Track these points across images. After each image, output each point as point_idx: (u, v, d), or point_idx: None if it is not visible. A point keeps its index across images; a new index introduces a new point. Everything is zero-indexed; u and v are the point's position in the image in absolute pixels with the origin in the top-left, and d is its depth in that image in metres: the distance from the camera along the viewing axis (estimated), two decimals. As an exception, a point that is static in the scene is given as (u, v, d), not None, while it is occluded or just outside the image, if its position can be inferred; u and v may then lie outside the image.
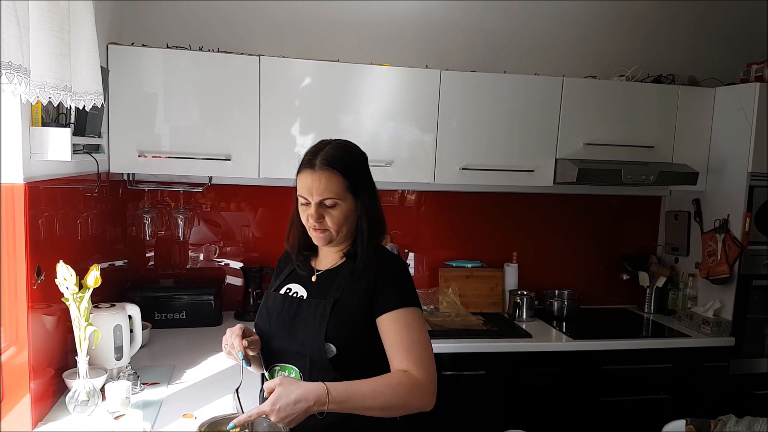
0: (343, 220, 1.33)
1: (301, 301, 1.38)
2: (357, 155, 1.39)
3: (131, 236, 2.63)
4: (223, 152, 2.31)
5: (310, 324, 1.32)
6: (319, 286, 1.40)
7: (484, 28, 2.81)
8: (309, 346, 1.31)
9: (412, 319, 1.31)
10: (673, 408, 2.50)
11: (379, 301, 1.31)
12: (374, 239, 1.38)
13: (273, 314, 1.41)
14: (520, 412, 2.46)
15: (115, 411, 1.57)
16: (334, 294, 1.34)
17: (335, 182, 1.30)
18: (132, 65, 2.22)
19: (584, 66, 2.87)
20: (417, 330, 1.30)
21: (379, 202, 1.42)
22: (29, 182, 1.47)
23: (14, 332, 1.46)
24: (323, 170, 1.30)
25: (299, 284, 1.43)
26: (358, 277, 1.35)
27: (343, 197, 1.32)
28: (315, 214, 1.32)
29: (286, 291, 1.44)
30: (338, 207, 1.32)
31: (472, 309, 2.81)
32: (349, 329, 1.31)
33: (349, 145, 1.40)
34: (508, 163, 2.57)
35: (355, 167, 1.35)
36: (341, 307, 1.32)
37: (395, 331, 1.29)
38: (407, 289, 1.35)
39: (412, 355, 1.27)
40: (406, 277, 1.37)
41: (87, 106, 1.53)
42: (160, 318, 2.41)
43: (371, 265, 1.35)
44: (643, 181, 2.58)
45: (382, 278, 1.33)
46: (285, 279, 1.47)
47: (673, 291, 2.92)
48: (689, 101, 2.70)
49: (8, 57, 1.04)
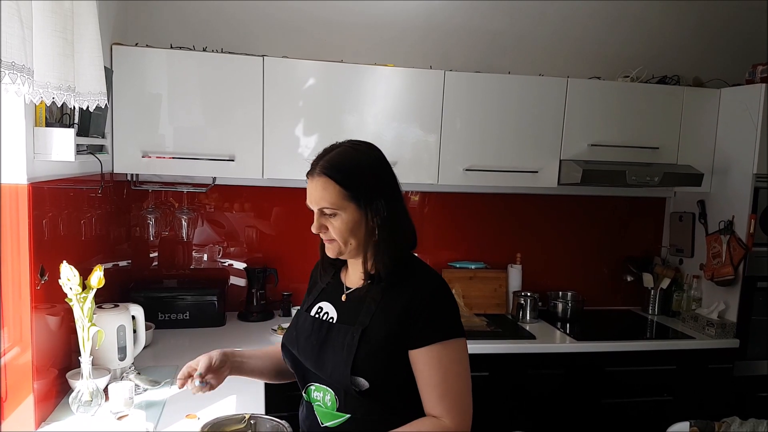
0: (346, 231, 1.21)
1: (330, 326, 1.26)
2: (365, 160, 1.23)
3: (135, 237, 2.63)
4: (226, 153, 2.31)
5: (338, 354, 1.21)
6: (349, 308, 1.28)
7: (488, 29, 2.80)
8: (336, 378, 1.21)
9: (450, 355, 1.19)
10: (677, 410, 2.49)
11: (413, 333, 1.18)
12: (396, 253, 1.24)
13: (301, 337, 1.30)
14: (523, 413, 2.46)
15: (118, 411, 1.58)
16: (363, 320, 1.22)
17: (330, 191, 1.19)
18: (136, 66, 2.22)
19: (589, 67, 2.86)
20: (453, 371, 1.19)
21: (403, 211, 1.28)
22: (33, 183, 1.47)
23: (18, 332, 1.46)
24: (319, 177, 1.20)
25: (330, 303, 1.32)
26: (390, 299, 1.22)
27: (343, 206, 1.20)
28: (316, 224, 1.23)
29: (317, 311, 1.32)
30: (338, 217, 1.21)
31: (476, 310, 2.80)
32: (382, 361, 1.19)
33: (358, 150, 1.25)
34: (512, 164, 2.56)
35: (359, 174, 1.20)
36: (371, 336, 1.20)
37: (429, 371, 1.18)
38: (445, 316, 1.22)
39: (446, 402, 1.17)
40: (444, 301, 1.23)
41: (91, 106, 1.53)
42: (164, 318, 2.41)
43: (405, 284, 1.23)
44: (647, 182, 2.56)
45: (416, 304, 1.19)
46: (318, 296, 1.36)
47: (677, 292, 2.91)
48: (694, 102, 2.69)
49: (11, 57, 1.04)
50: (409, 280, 1.24)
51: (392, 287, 1.23)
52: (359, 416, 1.22)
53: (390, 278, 1.23)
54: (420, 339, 1.18)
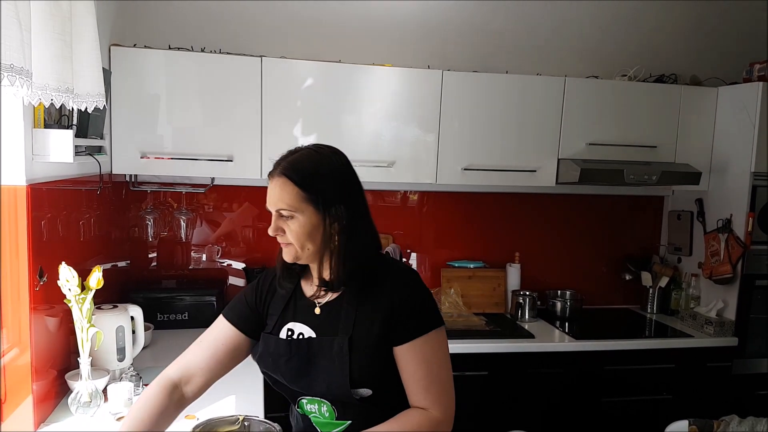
0: (303, 234, 1.17)
1: (310, 343, 1.22)
2: (327, 164, 1.19)
3: (134, 237, 2.63)
4: (225, 153, 2.31)
5: (330, 368, 1.18)
6: (326, 320, 1.23)
7: (486, 28, 2.81)
8: (336, 391, 1.19)
9: (432, 346, 1.20)
10: (676, 408, 2.49)
11: (397, 331, 1.19)
12: (354, 262, 1.20)
13: (281, 361, 1.24)
14: (523, 412, 2.46)
15: (117, 412, 1.58)
16: (345, 328, 1.20)
17: (288, 192, 1.16)
18: (134, 66, 2.22)
19: (586, 66, 2.86)
20: (436, 361, 1.20)
21: (365, 219, 1.24)
22: (31, 184, 1.47)
23: (17, 334, 1.46)
24: (279, 177, 1.18)
25: (300, 323, 1.26)
26: (370, 303, 1.20)
27: (300, 209, 1.16)
28: (273, 226, 1.20)
29: (288, 333, 1.26)
30: (295, 219, 1.17)
31: (475, 309, 2.81)
32: (379, 367, 1.19)
33: (320, 152, 1.22)
34: (511, 163, 2.56)
35: (318, 177, 1.17)
36: (359, 344, 1.18)
37: (414, 365, 1.19)
38: (425, 308, 1.22)
39: (432, 395, 1.19)
40: (422, 294, 1.24)
41: (89, 107, 1.54)
42: (163, 319, 2.41)
43: (382, 285, 1.21)
44: (645, 181, 2.57)
45: (397, 302, 1.19)
46: (280, 317, 1.28)
47: (675, 291, 2.91)
48: (692, 101, 2.69)
49: (10, 59, 1.04)
50: (385, 279, 1.22)
51: (369, 290, 1.21)
52: (361, 420, 1.21)
53: (364, 281, 1.21)
54: (404, 335, 1.19)
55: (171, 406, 1.23)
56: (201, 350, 1.29)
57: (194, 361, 1.28)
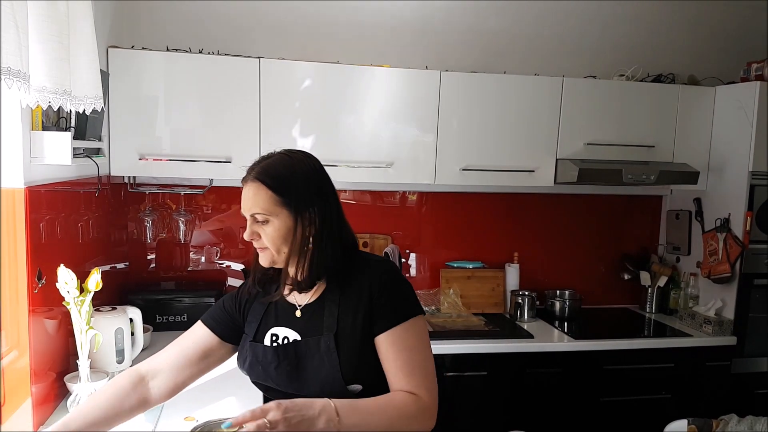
0: (278, 238, 1.19)
1: (297, 345, 1.24)
2: (299, 168, 1.21)
3: (132, 239, 2.63)
4: (223, 154, 2.31)
5: (321, 367, 1.20)
6: (308, 321, 1.26)
7: (483, 28, 2.81)
8: (329, 389, 1.19)
9: (411, 335, 1.21)
10: (675, 408, 2.50)
11: (377, 321, 1.20)
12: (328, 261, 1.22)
13: (270, 368, 1.25)
14: (522, 412, 2.46)
15: (116, 414, 1.57)
16: (329, 325, 1.22)
17: (262, 196, 1.18)
18: (132, 68, 2.22)
19: (584, 66, 2.87)
20: (417, 348, 1.21)
21: (339, 221, 1.26)
22: (30, 186, 1.47)
23: (15, 336, 1.46)
24: (252, 182, 1.20)
25: (284, 326, 1.28)
26: (350, 297, 1.22)
27: (274, 213, 1.18)
28: (248, 231, 1.21)
29: (272, 339, 1.28)
30: (271, 223, 1.19)
31: (474, 309, 2.81)
32: (369, 361, 1.21)
33: (293, 157, 1.24)
34: (509, 163, 2.56)
35: (292, 181, 1.19)
36: (346, 340, 1.20)
37: (396, 353, 1.19)
38: (403, 296, 1.24)
39: (415, 379, 1.18)
40: (399, 282, 1.25)
41: (87, 109, 1.54)
42: (162, 321, 2.41)
43: (360, 279, 1.23)
44: (643, 180, 2.57)
45: (375, 292, 1.21)
46: (262, 323, 1.30)
47: (674, 290, 2.92)
48: (689, 100, 2.70)
49: (7, 62, 1.04)
50: (362, 273, 1.24)
51: (349, 286, 1.24)
52: None
53: (343, 277, 1.24)
54: (384, 324, 1.20)
55: (132, 396, 1.26)
56: (173, 349, 1.33)
57: (164, 358, 1.32)
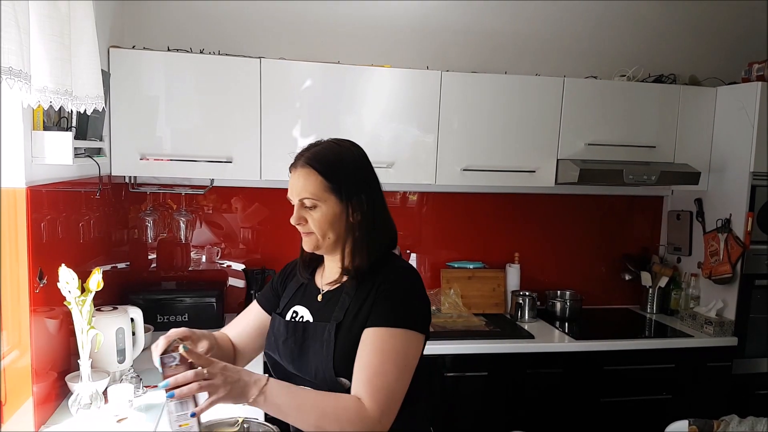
0: (325, 223, 1.21)
1: (306, 327, 1.27)
2: (348, 156, 1.25)
3: (133, 239, 2.63)
4: (224, 155, 2.31)
5: (318, 354, 1.21)
6: (323, 307, 1.28)
7: (484, 29, 2.81)
8: (321, 376, 1.20)
9: (394, 344, 1.14)
10: (676, 408, 2.49)
11: (371, 317, 1.18)
12: (374, 251, 1.24)
13: (279, 341, 1.29)
14: (523, 413, 2.46)
15: (117, 414, 1.58)
16: (337, 315, 1.22)
17: (312, 181, 1.20)
18: (133, 68, 2.22)
19: (585, 66, 2.87)
20: (391, 360, 1.13)
21: (384, 210, 1.28)
22: (31, 186, 1.47)
23: (17, 336, 1.46)
24: (302, 168, 1.22)
25: (304, 306, 1.32)
26: (362, 292, 1.22)
27: (323, 198, 1.20)
28: (295, 215, 1.23)
29: (292, 315, 1.32)
30: (318, 209, 1.21)
31: (474, 310, 2.81)
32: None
33: (341, 145, 1.27)
34: (510, 163, 2.56)
35: (341, 167, 1.22)
36: (346, 332, 1.20)
37: (368, 351, 1.14)
38: (406, 306, 1.19)
39: (372, 386, 1.11)
40: (410, 293, 1.22)
41: (88, 109, 1.54)
42: (163, 320, 2.41)
43: (376, 276, 1.22)
44: (644, 181, 2.57)
45: (381, 291, 1.19)
46: (291, 299, 1.36)
47: (675, 291, 2.92)
48: (691, 101, 2.70)
49: (8, 62, 1.04)
50: (380, 271, 1.23)
51: (367, 281, 1.23)
52: None
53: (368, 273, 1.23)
54: (375, 320, 1.17)
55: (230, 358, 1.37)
56: (235, 324, 1.44)
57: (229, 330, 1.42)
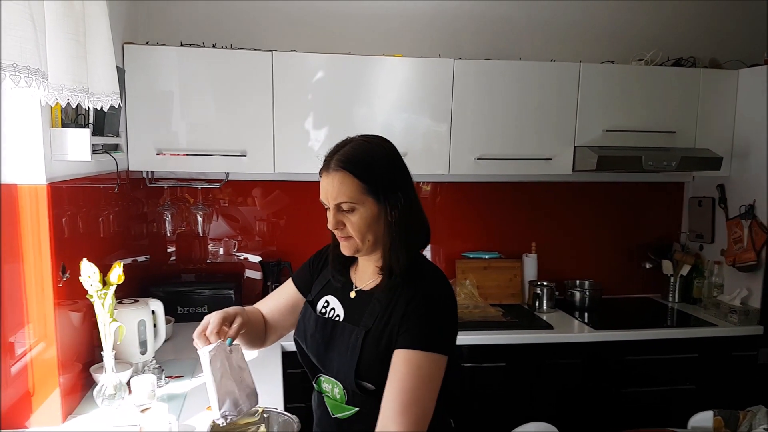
0: (364, 226, 1.19)
1: (335, 325, 1.26)
2: (381, 153, 1.21)
3: (152, 232, 2.67)
4: (238, 148, 2.33)
5: (342, 356, 1.21)
6: (356, 307, 1.26)
7: (497, 14, 2.77)
8: (342, 379, 1.22)
9: (429, 368, 1.13)
10: (700, 399, 2.45)
11: (402, 335, 1.15)
12: (411, 248, 1.22)
13: (308, 332, 1.30)
14: (542, 403, 2.45)
15: (141, 404, 1.61)
16: (366, 322, 1.21)
17: (349, 185, 1.16)
18: (147, 64, 2.24)
19: (602, 51, 2.81)
20: (426, 385, 1.12)
21: (417, 205, 1.25)
22: (51, 183, 1.50)
23: (42, 329, 1.50)
24: (337, 171, 1.17)
25: (338, 299, 1.30)
26: (394, 302, 1.20)
27: (361, 201, 1.17)
28: (333, 221, 1.20)
29: (323, 305, 1.32)
30: (357, 212, 1.18)
31: (491, 300, 2.80)
32: (384, 367, 1.16)
33: (372, 142, 1.23)
34: (525, 151, 2.54)
35: (376, 167, 1.18)
36: (373, 340, 1.18)
37: (403, 374, 1.12)
38: (437, 326, 1.17)
39: (410, 414, 1.09)
40: (439, 309, 1.18)
41: (104, 106, 1.56)
42: (183, 312, 2.45)
43: (411, 287, 1.19)
44: (664, 167, 2.52)
45: (411, 307, 1.16)
46: (324, 287, 1.35)
47: (698, 279, 2.87)
48: (711, 84, 2.63)
49: (26, 61, 1.06)
50: (416, 283, 1.20)
51: (399, 289, 1.20)
52: (367, 410, 1.21)
53: (400, 278, 1.21)
54: (407, 340, 1.14)
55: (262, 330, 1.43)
56: (268, 299, 1.48)
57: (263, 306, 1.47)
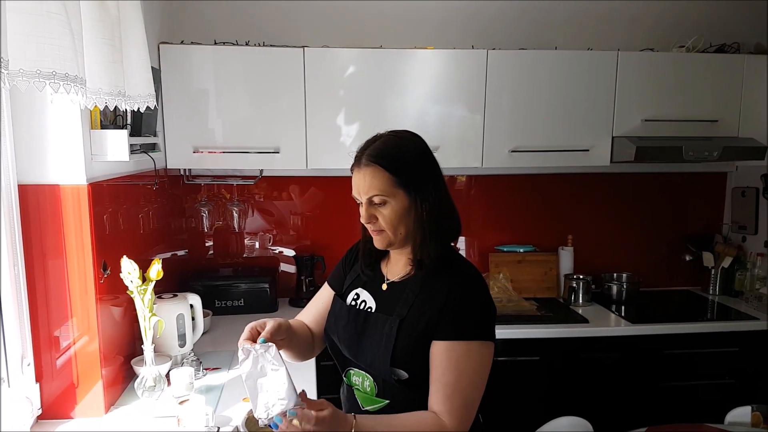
0: (396, 219, 1.21)
1: (368, 316, 1.28)
2: (411, 147, 1.24)
3: (190, 228, 2.74)
4: (272, 145, 2.36)
5: (376, 345, 1.23)
6: (388, 298, 1.28)
7: (532, 3, 2.71)
8: (376, 368, 1.23)
9: (468, 357, 1.16)
10: (739, 394, 2.39)
11: (440, 325, 1.18)
12: (442, 241, 1.25)
13: (340, 324, 1.32)
14: (577, 397, 2.42)
15: (180, 395, 1.66)
16: (400, 311, 1.23)
17: (380, 178, 1.19)
18: (183, 63, 2.29)
19: (640, 38, 2.72)
20: (466, 375, 1.16)
21: (448, 198, 1.27)
22: (92, 183, 1.56)
23: (86, 323, 1.57)
24: (368, 166, 1.20)
25: (368, 291, 1.33)
26: (428, 291, 1.22)
27: (392, 194, 1.20)
28: (365, 214, 1.23)
29: (353, 298, 1.34)
30: (389, 205, 1.20)
31: (525, 294, 2.77)
32: (421, 354, 1.19)
33: (401, 136, 1.26)
34: (562, 143, 2.49)
35: (406, 160, 1.21)
36: (409, 328, 1.20)
37: (443, 367, 1.17)
38: (475, 316, 1.20)
39: (451, 403, 1.15)
40: (477, 300, 1.21)
41: (141, 108, 1.60)
42: (220, 305, 2.51)
43: (444, 277, 1.22)
44: (705, 157, 2.44)
45: (451, 300, 1.19)
46: (354, 280, 1.37)
47: (740, 271, 2.77)
48: (756, 71, 2.51)
49: (65, 69, 1.09)
50: (449, 273, 1.23)
51: (432, 279, 1.23)
52: (398, 402, 1.23)
53: (431, 269, 1.23)
54: (444, 332, 1.17)
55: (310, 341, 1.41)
56: (308, 308, 1.47)
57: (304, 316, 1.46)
